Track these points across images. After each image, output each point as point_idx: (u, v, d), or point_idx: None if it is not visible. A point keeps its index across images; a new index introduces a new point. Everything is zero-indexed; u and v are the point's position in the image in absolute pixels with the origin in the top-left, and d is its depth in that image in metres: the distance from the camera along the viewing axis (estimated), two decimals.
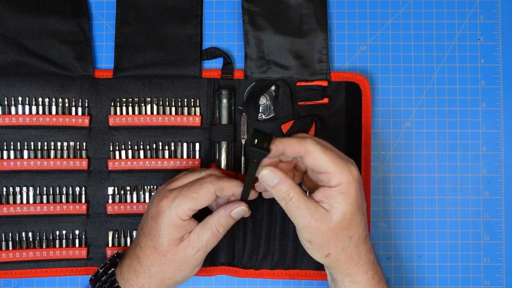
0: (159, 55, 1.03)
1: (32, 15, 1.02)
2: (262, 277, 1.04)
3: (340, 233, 0.84)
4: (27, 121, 1.02)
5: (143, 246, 0.89)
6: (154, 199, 0.90)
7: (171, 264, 0.89)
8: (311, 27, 1.04)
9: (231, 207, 0.90)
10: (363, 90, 1.03)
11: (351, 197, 0.84)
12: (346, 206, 0.83)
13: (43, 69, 1.02)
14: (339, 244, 0.85)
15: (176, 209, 0.87)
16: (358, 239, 0.86)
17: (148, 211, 0.90)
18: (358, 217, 0.85)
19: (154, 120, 1.03)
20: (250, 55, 1.04)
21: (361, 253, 0.87)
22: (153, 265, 0.89)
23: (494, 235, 1.06)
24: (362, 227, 0.86)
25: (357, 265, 0.87)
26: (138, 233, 0.92)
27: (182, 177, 0.92)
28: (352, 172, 0.84)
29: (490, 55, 1.07)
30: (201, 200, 0.87)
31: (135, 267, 0.90)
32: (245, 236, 1.03)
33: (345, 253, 0.86)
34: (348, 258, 0.86)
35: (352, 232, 0.85)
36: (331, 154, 0.84)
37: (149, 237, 0.89)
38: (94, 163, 1.04)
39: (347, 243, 0.85)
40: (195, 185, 0.88)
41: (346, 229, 0.84)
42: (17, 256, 1.01)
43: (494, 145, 1.07)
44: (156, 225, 0.88)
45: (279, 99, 1.02)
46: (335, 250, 0.86)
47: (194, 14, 1.05)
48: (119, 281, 0.90)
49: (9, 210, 1.01)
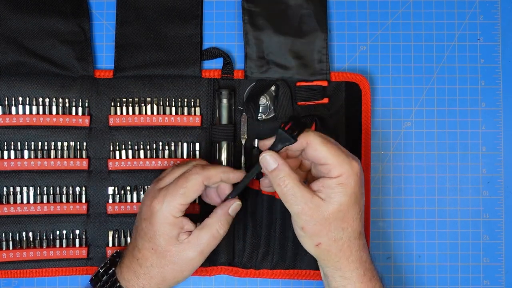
0: (159, 55, 1.04)
1: (32, 15, 1.02)
2: (262, 277, 1.04)
3: (333, 223, 0.85)
4: (27, 121, 1.02)
5: (141, 248, 0.89)
6: (145, 200, 0.90)
7: (172, 266, 0.89)
8: (311, 27, 1.04)
9: (227, 206, 0.92)
10: (363, 90, 1.03)
11: (349, 188, 0.84)
12: (343, 197, 0.84)
13: (44, 69, 1.02)
14: (331, 235, 0.86)
15: (168, 207, 0.87)
16: (352, 233, 0.86)
17: (141, 212, 0.91)
18: (354, 211, 0.86)
19: (154, 120, 1.03)
20: (250, 55, 1.04)
21: (352, 249, 0.87)
22: (153, 266, 0.89)
23: (493, 235, 1.06)
24: (357, 222, 0.87)
25: (347, 259, 0.87)
26: (134, 234, 0.92)
27: (170, 173, 0.92)
28: (353, 165, 0.85)
29: (490, 55, 1.07)
30: (190, 193, 0.88)
31: (135, 269, 0.90)
32: (245, 236, 1.03)
33: (336, 245, 0.86)
34: (339, 251, 0.87)
35: (345, 225, 0.86)
36: (332, 146, 0.86)
37: (145, 238, 0.89)
38: (94, 163, 1.04)
39: (339, 234, 0.86)
40: (182, 180, 0.88)
41: (340, 221, 0.85)
42: (17, 256, 1.01)
43: (494, 145, 1.07)
44: (151, 226, 0.88)
45: (279, 99, 1.02)
46: (327, 240, 0.86)
47: (194, 14, 1.05)
48: (120, 281, 0.90)
49: (9, 210, 1.02)
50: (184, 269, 0.89)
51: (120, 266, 0.92)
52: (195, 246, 0.89)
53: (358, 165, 0.86)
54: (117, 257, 0.95)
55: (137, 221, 0.92)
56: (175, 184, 0.88)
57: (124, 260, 0.92)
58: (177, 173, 0.91)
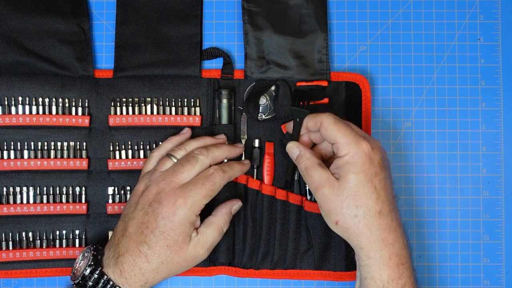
0: (159, 55, 1.03)
1: (32, 15, 1.02)
2: (262, 277, 1.04)
3: (346, 200, 0.88)
4: (27, 121, 1.02)
5: (153, 245, 0.89)
6: (166, 198, 0.90)
7: (182, 262, 0.91)
8: (311, 27, 1.04)
9: (231, 205, 0.98)
10: (363, 90, 1.03)
11: (356, 166, 0.88)
12: (351, 175, 0.88)
13: (43, 69, 1.02)
14: (345, 212, 0.89)
15: (193, 207, 0.91)
16: (368, 211, 0.88)
17: (159, 210, 0.90)
18: (366, 189, 0.88)
19: (154, 120, 1.03)
20: (250, 55, 1.04)
21: (372, 227, 0.89)
22: (163, 263, 0.90)
23: (494, 235, 1.06)
24: (373, 200, 0.88)
25: (368, 239, 0.89)
26: (141, 231, 0.91)
27: (187, 167, 0.93)
28: (360, 144, 0.89)
29: (490, 55, 1.07)
30: (213, 194, 0.93)
31: (141, 265, 0.89)
32: (245, 236, 1.03)
33: (353, 222, 0.89)
34: (357, 228, 0.89)
35: (359, 202, 0.88)
36: (342, 126, 0.91)
37: (161, 236, 0.89)
38: (94, 163, 1.04)
39: (353, 212, 0.89)
40: (208, 183, 0.92)
41: (353, 198, 0.88)
42: (17, 256, 1.01)
43: (494, 145, 1.07)
44: (172, 224, 0.89)
45: (279, 99, 1.02)
46: (342, 218, 0.89)
47: (194, 14, 1.05)
48: (115, 281, 0.89)
49: (9, 210, 1.01)
50: (190, 264, 0.93)
51: (118, 264, 0.90)
52: (204, 243, 0.93)
53: (366, 144, 0.89)
54: (98, 254, 0.93)
55: (150, 219, 0.90)
56: (202, 186, 0.92)
57: (125, 257, 0.90)
58: (196, 168, 0.93)
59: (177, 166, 0.93)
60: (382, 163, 0.90)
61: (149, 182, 0.93)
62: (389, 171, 0.92)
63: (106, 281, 0.89)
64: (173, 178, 0.92)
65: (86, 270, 0.90)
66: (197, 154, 0.94)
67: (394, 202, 0.91)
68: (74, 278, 0.92)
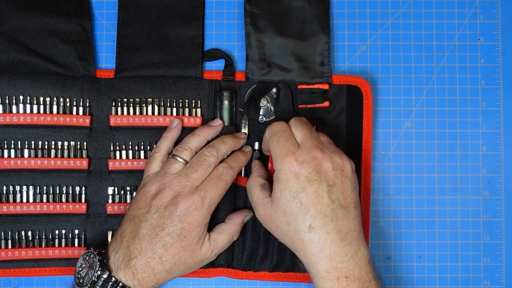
0: (161, 56, 1.04)
1: (34, 15, 1.03)
2: (261, 279, 1.04)
3: (279, 218, 0.90)
4: (28, 120, 1.02)
5: (169, 246, 0.90)
6: (182, 202, 0.92)
7: (191, 263, 0.93)
8: (313, 30, 1.04)
9: (243, 215, 1.00)
10: (364, 93, 1.03)
11: (281, 183, 0.89)
12: (278, 192, 0.90)
13: (45, 69, 1.02)
14: (280, 230, 0.91)
15: (210, 208, 0.93)
16: (297, 226, 0.88)
17: (176, 213, 0.91)
18: (292, 205, 0.88)
19: (155, 120, 1.03)
20: (252, 57, 1.04)
21: (304, 242, 0.88)
22: (176, 264, 0.91)
23: (494, 235, 1.06)
24: (301, 216, 0.88)
25: (304, 253, 0.89)
26: (156, 233, 0.91)
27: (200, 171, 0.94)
28: (285, 161, 0.89)
29: (490, 55, 1.08)
30: (225, 192, 0.96)
31: (154, 267, 0.90)
32: (244, 238, 1.03)
33: (288, 239, 0.90)
34: (293, 244, 0.90)
35: (289, 219, 0.89)
36: (275, 139, 0.92)
37: (177, 238, 0.91)
38: (94, 163, 1.04)
39: (286, 228, 0.90)
40: (222, 183, 0.95)
41: (283, 215, 0.89)
42: (16, 255, 1.01)
43: (494, 145, 1.07)
44: (190, 226, 0.91)
45: (280, 101, 1.02)
46: (280, 236, 0.92)
47: (196, 15, 1.05)
48: (127, 283, 0.89)
49: (9, 208, 1.01)
50: (197, 266, 0.96)
51: (131, 267, 0.90)
52: (214, 248, 0.95)
53: (292, 159, 0.89)
54: (103, 259, 0.91)
55: (167, 221, 0.91)
56: (216, 186, 0.94)
57: (138, 259, 0.90)
58: (208, 171, 0.95)
59: (190, 170, 0.94)
60: (311, 177, 0.88)
61: (162, 185, 0.93)
62: (329, 182, 0.88)
63: (117, 285, 0.89)
64: (188, 182, 0.93)
65: (94, 275, 0.89)
66: (208, 157, 0.95)
67: (332, 214, 0.88)
68: (81, 285, 0.90)
